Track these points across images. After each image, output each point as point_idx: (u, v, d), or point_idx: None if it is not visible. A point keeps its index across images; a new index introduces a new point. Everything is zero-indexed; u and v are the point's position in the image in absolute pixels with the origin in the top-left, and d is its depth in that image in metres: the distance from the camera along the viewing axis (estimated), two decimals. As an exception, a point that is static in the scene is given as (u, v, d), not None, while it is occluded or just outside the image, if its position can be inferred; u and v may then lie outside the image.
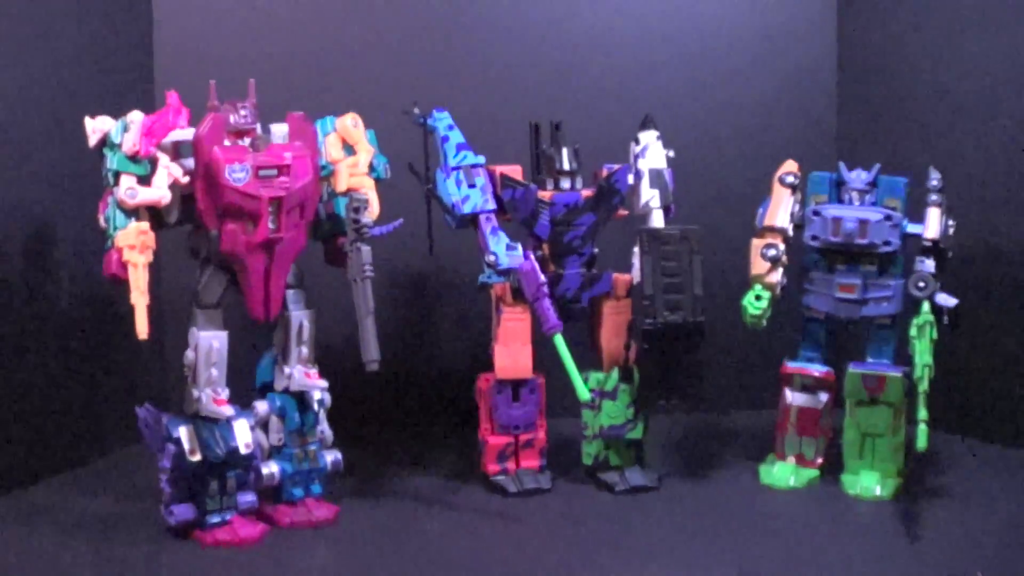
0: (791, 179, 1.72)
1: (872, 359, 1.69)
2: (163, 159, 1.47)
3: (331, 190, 1.60)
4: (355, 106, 1.64)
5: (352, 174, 1.59)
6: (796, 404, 1.74)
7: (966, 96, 1.98)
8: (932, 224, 1.64)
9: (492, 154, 1.70)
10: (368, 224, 1.53)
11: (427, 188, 1.68)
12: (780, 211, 1.70)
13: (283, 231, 1.49)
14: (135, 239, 1.44)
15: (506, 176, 1.68)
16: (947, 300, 1.60)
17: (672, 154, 1.72)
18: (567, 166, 1.70)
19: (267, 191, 1.47)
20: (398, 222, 1.66)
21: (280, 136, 1.53)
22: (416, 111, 1.68)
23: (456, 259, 1.99)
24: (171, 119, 1.49)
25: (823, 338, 1.74)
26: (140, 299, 1.43)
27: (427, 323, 2.12)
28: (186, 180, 1.47)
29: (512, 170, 1.70)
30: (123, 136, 1.46)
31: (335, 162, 1.59)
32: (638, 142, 1.73)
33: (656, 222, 1.70)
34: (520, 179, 1.69)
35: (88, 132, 1.48)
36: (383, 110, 1.70)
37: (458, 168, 1.66)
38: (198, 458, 1.48)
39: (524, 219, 1.69)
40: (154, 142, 1.47)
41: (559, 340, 1.54)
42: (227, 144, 1.47)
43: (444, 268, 2.06)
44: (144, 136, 1.46)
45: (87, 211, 1.55)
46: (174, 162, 1.48)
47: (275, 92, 1.69)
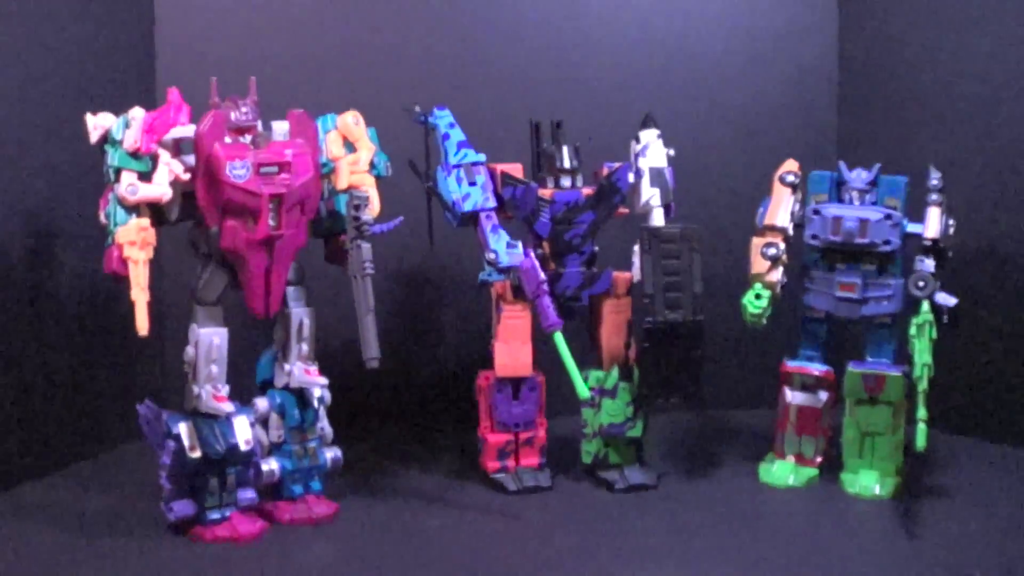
0: (791, 178, 1.72)
1: (872, 358, 1.69)
2: (164, 156, 1.47)
3: (332, 187, 1.60)
4: (356, 104, 1.64)
5: (353, 171, 1.59)
6: (796, 403, 1.74)
7: (966, 96, 1.98)
8: (932, 224, 1.64)
9: (493, 152, 1.70)
10: (369, 222, 1.53)
11: (427, 186, 1.68)
12: (780, 210, 1.70)
13: (283, 228, 1.49)
14: (136, 236, 1.44)
15: (507, 174, 1.68)
16: (947, 299, 1.60)
17: (672, 153, 1.72)
18: (568, 164, 1.70)
19: (268, 188, 1.47)
20: (399, 220, 1.66)
21: (281, 133, 1.53)
22: (417, 110, 1.68)
23: (456, 257, 2.00)
24: (172, 116, 1.49)
25: (823, 337, 1.74)
26: (140, 296, 1.43)
27: (427, 321, 2.11)
28: (187, 177, 1.47)
29: (513, 168, 1.70)
30: (124, 133, 1.46)
31: (336, 159, 1.59)
32: (639, 141, 1.73)
33: (656, 221, 1.70)
34: (521, 177, 1.69)
35: (89, 129, 1.48)
36: (384, 108, 1.70)
37: (459, 166, 1.66)
38: (198, 454, 1.48)
39: (524, 217, 1.69)
40: (155, 139, 1.46)
41: (559, 338, 1.54)
42: (228, 141, 1.47)
43: (444, 266, 2.06)
44: (145, 133, 1.46)
45: (88, 207, 1.55)
46: (175, 159, 1.48)
47: (276, 89, 1.68)
